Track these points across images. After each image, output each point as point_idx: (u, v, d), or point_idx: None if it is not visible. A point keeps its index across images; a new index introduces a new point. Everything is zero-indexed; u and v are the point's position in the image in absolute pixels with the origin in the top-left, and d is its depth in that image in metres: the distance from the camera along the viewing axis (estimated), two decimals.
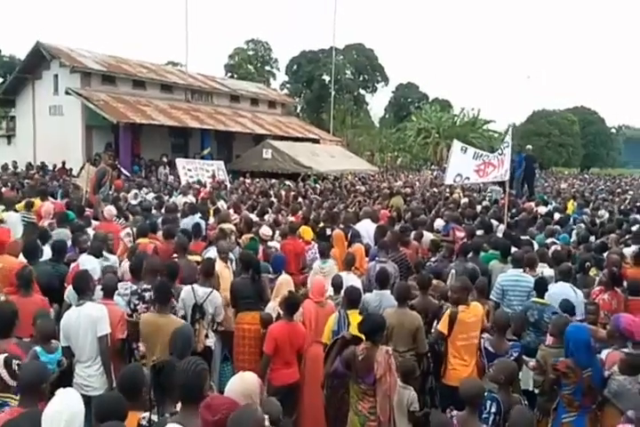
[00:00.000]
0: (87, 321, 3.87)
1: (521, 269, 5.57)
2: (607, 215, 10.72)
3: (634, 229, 8.57)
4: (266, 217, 8.50)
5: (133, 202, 9.71)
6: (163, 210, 8.70)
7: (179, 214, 8.16)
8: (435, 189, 14.87)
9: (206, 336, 4.57)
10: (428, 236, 7.43)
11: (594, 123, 57.21)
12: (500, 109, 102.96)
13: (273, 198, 11.02)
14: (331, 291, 5.14)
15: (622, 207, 12.57)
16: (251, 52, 53.47)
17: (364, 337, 3.77)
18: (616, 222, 9.31)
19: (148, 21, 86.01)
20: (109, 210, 7.37)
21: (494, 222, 8.64)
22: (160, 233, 6.47)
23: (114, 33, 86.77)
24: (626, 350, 4.14)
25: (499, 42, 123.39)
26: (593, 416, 3.72)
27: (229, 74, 48.40)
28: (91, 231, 6.36)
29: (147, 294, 4.47)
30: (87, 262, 5.08)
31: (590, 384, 3.69)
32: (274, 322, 4.51)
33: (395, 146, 38.07)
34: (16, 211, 7.35)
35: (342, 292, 4.81)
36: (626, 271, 5.87)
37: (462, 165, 9.28)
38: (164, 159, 18.23)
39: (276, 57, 54.35)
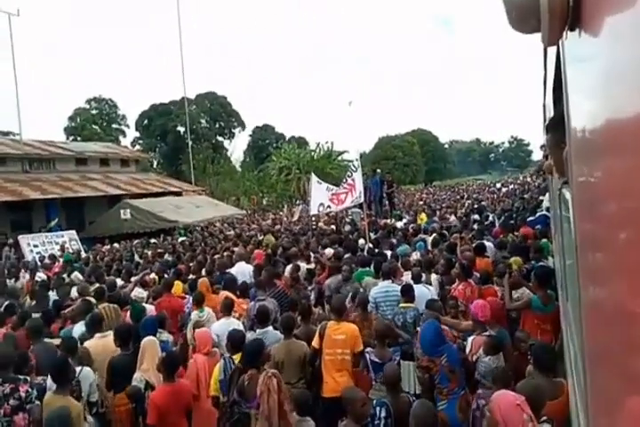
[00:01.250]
0: None
1: (389, 281, 5.98)
2: (454, 219, 12.05)
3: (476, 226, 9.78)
4: (133, 279, 7.97)
5: None
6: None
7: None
8: (298, 220, 15.36)
9: (85, 419, 4.06)
10: (303, 266, 7.63)
11: (430, 141, 64.64)
12: (350, 139, 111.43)
13: (138, 259, 10.42)
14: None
15: (464, 211, 14.26)
16: (94, 111, 51.08)
17: None
18: (462, 224, 10.55)
19: None
20: None
21: (361, 241, 9.25)
22: None
23: None
24: (486, 333, 4.64)
25: (338, 76, 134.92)
26: (463, 401, 4.04)
27: (72, 137, 45.50)
28: None
29: None
30: None
31: (450, 368, 4.05)
32: (145, 392, 4.21)
33: (259, 187, 38.68)
34: None
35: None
36: (476, 264, 6.68)
37: (321, 195, 10.32)
38: (5, 239, 16.15)
39: (123, 113, 52.72)
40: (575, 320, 1.87)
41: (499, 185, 31.34)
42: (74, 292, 7.20)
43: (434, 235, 9.26)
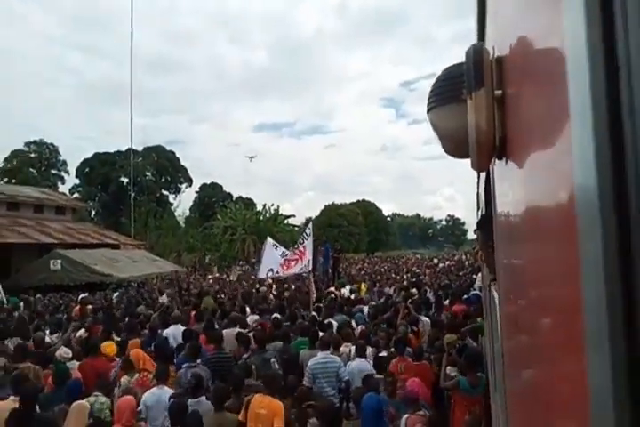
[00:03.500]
0: None
1: (328, 352, 5.94)
2: (392, 291, 12.33)
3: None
4: (56, 337, 7.46)
5: None
6: None
7: None
8: (244, 283, 15.14)
9: None
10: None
11: (373, 213, 67.01)
12: (297, 204, 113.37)
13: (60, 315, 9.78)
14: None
15: (403, 284, 14.65)
16: (33, 155, 49.37)
17: None
18: (402, 298, 10.79)
19: None
20: None
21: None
22: None
23: None
24: (421, 412, 4.71)
25: (291, 143, 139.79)
26: None
27: (6, 179, 43.38)
28: None
29: None
30: None
31: None
32: None
33: (202, 245, 37.96)
34: None
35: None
36: (411, 340, 6.84)
37: (272, 260, 10.26)
38: None
39: (64, 159, 51.29)
40: (501, 411, 1.84)
41: (436, 260, 32.61)
42: None
43: (369, 306, 9.42)
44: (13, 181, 42.02)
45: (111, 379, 5.89)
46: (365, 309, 9.13)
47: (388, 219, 79.82)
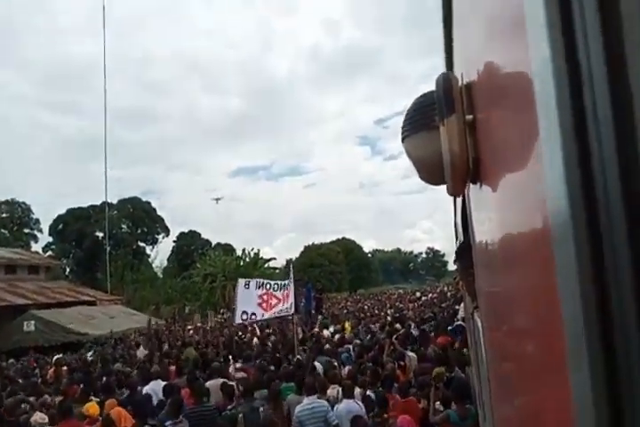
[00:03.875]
0: None
1: (314, 396, 5.80)
2: (377, 328, 12.23)
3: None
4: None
5: None
6: None
7: None
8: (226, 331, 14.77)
9: None
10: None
11: (354, 250, 67.06)
12: (277, 247, 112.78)
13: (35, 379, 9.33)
14: None
15: (388, 319, 14.55)
16: (5, 215, 48.43)
17: None
18: (387, 333, 10.69)
19: None
20: None
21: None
22: None
23: None
24: None
25: (266, 184, 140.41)
26: None
27: None
28: None
29: None
30: None
31: None
32: None
33: (182, 295, 37.12)
34: None
35: None
36: (399, 375, 6.78)
37: (247, 301, 9.50)
38: None
39: (36, 217, 50.40)
40: None
41: (418, 294, 32.58)
42: None
43: (354, 345, 9.29)
44: None
45: None
46: (352, 348, 9.01)
47: (369, 255, 79.91)
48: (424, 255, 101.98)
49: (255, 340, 12.08)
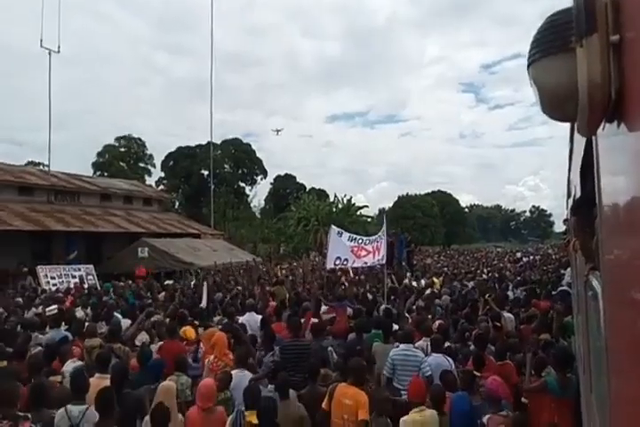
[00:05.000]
0: None
1: (411, 345, 5.73)
2: (471, 286, 11.80)
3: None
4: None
5: None
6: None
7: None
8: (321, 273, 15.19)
9: None
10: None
11: (450, 204, 64.91)
12: (370, 195, 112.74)
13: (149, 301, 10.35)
14: None
15: (484, 278, 13.99)
16: (123, 149, 52.98)
17: None
18: (483, 292, 10.26)
19: (7, 119, 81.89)
20: None
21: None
22: None
23: None
24: (503, 413, 4.41)
25: (364, 133, 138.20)
26: None
27: (99, 172, 46.98)
28: None
29: None
30: None
31: None
32: None
33: (277, 236, 38.82)
34: None
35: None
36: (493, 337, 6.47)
37: (340, 248, 9.89)
38: (25, 269, 16.23)
39: (150, 153, 54.55)
40: (602, 419, 1.71)
41: (519, 254, 30.82)
42: None
43: (447, 300, 9.05)
44: (106, 174, 45.46)
45: (191, 361, 6.13)
46: (442, 303, 8.78)
47: (466, 210, 76.86)
48: (528, 214, 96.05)
49: (346, 283, 12.26)
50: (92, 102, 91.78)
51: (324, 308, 8.53)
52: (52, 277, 14.19)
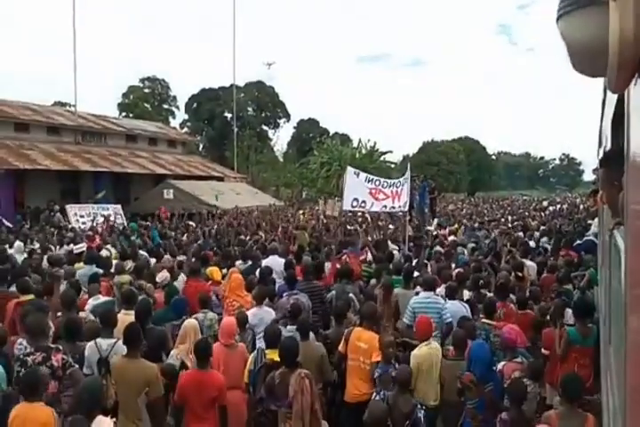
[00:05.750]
0: None
1: (431, 292, 5.73)
2: (495, 234, 11.64)
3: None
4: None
5: (18, 256, 8.81)
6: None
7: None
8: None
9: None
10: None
11: (477, 151, 63.11)
12: (393, 141, 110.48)
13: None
14: None
15: (508, 227, 13.79)
16: (147, 90, 52.37)
17: None
18: (506, 241, 10.13)
19: (34, 61, 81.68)
20: None
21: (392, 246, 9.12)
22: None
23: None
24: (518, 359, 4.48)
25: (390, 76, 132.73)
26: None
27: (124, 113, 46.83)
28: None
29: (29, 359, 3.94)
30: None
31: (492, 398, 3.90)
32: (179, 371, 4.27)
33: (299, 180, 38.74)
34: None
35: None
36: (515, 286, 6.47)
37: (357, 189, 9.44)
38: (56, 206, 16.73)
39: (174, 95, 53.82)
40: (618, 370, 1.73)
41: (545, 203, 30.17)
42: None
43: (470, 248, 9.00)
44: (131, 115, 45.31)
45: (217, 300, 6.35)
46: (465, 251, 8.74)
47: (493, 157, 74.80)
48: (557, 162, 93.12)
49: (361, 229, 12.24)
50: (116, 42, 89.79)
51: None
52: (81, 216, 14.59)
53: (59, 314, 5.08)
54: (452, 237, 10.87)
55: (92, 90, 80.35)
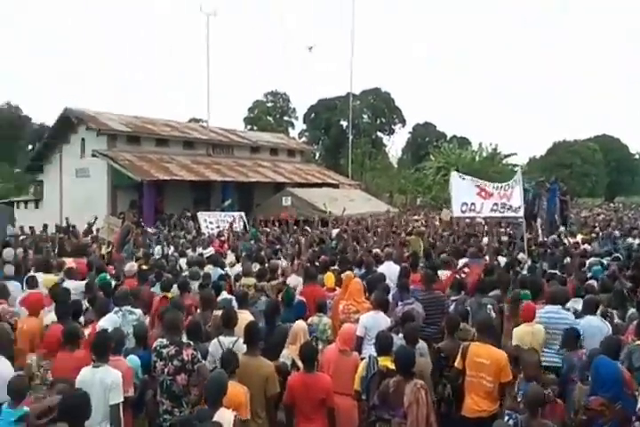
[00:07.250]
0: (100, 387, 3.74)
1: (558, 306, 5.37)
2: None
3: None
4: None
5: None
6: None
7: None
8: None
9: None
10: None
11: (616, 150, 56.50)
12: (519, 143, 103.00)
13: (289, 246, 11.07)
14: None
15: None
16: (270, 104, 55.72)
17: None
18: None
19: (173, 81, 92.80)
20: (131, 266, 7.53)
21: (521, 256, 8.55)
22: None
23: (140, 93, 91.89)
24: None
25: (511, 74, 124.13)
26: None
27: (249, 126, 50.25)
28: None
29: (164, 351, 4.35)
30: (106, 321, 5.09)
31: (625, 415, 3.54)
32: (290, 370, 4.45)
33: (414, 186, 38.03)
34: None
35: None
36: None
37: (464, 192, 9.15)
38: (188, 213, 18.53)
39: (293, 106, 56.52)
40: None
41: None
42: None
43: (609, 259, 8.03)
44: (255, 127, 48.50)
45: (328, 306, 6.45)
46: (604, 262, 7.85)
47: (636, 157, 66.22)
48: None
49: (485, 239, 11.62)
50: (244, 61, 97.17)
51: (460, 262, 8.23)
52: (211, 222, 15.89)
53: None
54: (585, 246, 9.82)
55: (222, 106, 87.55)
